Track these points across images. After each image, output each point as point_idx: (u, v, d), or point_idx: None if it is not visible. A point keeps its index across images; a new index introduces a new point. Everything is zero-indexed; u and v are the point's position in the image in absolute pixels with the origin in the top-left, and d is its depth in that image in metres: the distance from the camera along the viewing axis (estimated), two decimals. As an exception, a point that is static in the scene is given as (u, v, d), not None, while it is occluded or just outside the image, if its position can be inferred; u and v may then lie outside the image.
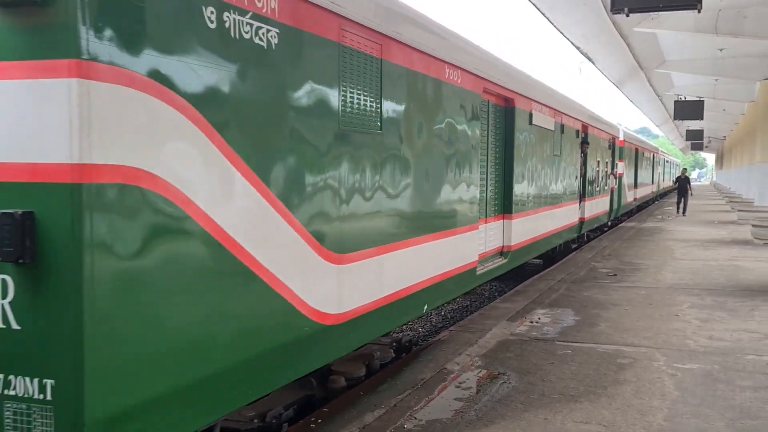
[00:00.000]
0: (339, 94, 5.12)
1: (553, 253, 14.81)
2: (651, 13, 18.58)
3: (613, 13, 12.40)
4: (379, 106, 5.76)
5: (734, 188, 53.03)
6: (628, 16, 12.78)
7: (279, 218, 4.43)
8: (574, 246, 17.36)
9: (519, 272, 12.87)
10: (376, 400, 5.61)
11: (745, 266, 13.41)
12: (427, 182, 6.85)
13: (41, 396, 3.14)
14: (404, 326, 10.38)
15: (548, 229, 12.62)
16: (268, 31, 4.24)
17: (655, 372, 6.37)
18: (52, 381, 3.11)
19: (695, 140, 57.92)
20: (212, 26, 3.78)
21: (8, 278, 3.13)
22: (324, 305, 4.99)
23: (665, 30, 21.91)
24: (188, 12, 3.60)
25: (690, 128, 53.83)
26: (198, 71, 3.68)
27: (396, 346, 7.34)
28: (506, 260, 9.86)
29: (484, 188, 9.04)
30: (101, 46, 3.09)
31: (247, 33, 4.06)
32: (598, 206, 18.24)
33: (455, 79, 7.50)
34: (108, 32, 3.13)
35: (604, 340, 7.57)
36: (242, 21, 4.01)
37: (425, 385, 5.98)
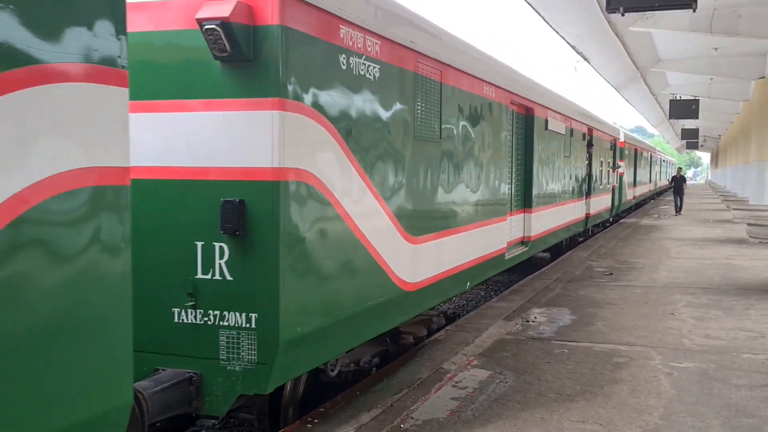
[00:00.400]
0: (414, 111, 6.54)
1: (560, 247, 15.89)
2: (646, 12, 18.64)
3: (609, 12, 12.44)
4: (438, 118, 7.16)
5: (729, 187, 53.16)
6: (623, 15, 12.81)
7: (378, 206, 5.92)
8: (580, 239, 18.57)
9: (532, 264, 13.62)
10: (372, 399, 5.60)
11: (741, 265, 13.44)
12: (471, 180, 8.29)
13: (248, 325, 4.55)
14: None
15: (560, 223, 14.02)
16: (373, 67, 5.75)
17: (651, 371, 6.37)
18: (256, 314, 4.54)
19: (690, 139, 58.10)
20: (344, 68, 5.28)
21: (224, 245, 4.57)
22: (404, 275, 6.43)
23: (660, 29, 21.96)
24: (332, 59, 5.13)
25: (685, 127, 53.97)
26: (335, 100, 5.16)
27: (444, 315, 8.90)
28: (527, 249, 11.24)
29: (510, 185, 10.34)
30: (288, 87, 4.57)
31: (362, 70, 5.57)
32: (601, 203, 19.60)
33: (490, 93, 8.97)
34: (291, 77, 4.59)
35: (600, 339, 7.57)
36: (359, 62, 5.51)
37: (422, 385, 5.97)
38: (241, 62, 4.49)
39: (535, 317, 8.67)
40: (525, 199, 11.22)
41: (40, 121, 2.88)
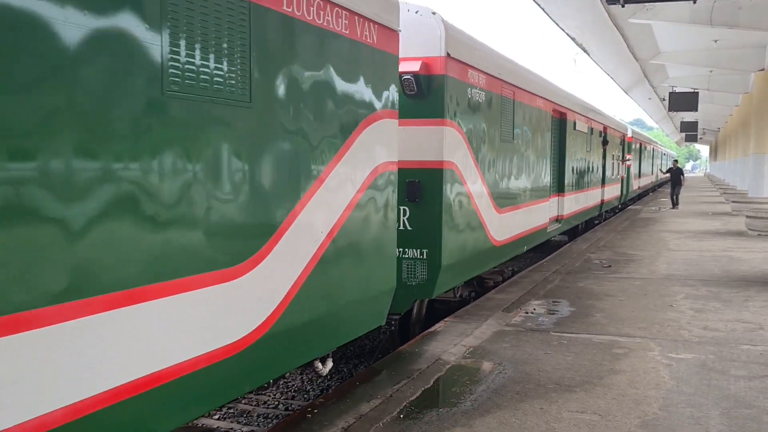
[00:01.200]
0: (500, 121, 9.65)
1: (577, 230, 18.65)
2: (646, 3, 18.58)
3: (609, 4, 12.42)
4: (512, 125, 10.21)
5: (728, 179, 53.14)
6: (623, 6, 12.80)
7: (483, 186, 8.99)
8: (596, 222, 21.58)
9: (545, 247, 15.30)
10: (371, 390, 5.60)
11: (739, 257, 13.46)
12: (530, 170, 11.47)
13: (421, 256, 7.46)
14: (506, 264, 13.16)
15: (583, 206, 17.28)
16: (481, 93, 8.76)
17: (650, 362, 6.38)
18: (426, 250, 7.43)
19: (689, 132, 57.99)
20: (469, 96, 8.28)
21: (407, 208, 7.42)
22: (495, 235, 9.63)
23: (660, 21, 21.89)
24: (464, 91, 8.12)
25: (684, 120, 53.88)
26: (464, 116, 8.11)
27: (510, 271, 12.34)
28: (560, 225, 14.51)
29: (550, 174, 13.24)
30: (446, 112, 7.46)
31: (476, 96, 8.57)
32: (613, 192, 22.82)
33: (541, 105, 12.09)
34: (449, 107, 7.54)
35: (599, 330, 7.58)
36: (475, 91, 8.52)
37: (421, 375, 5.97)
38: (420, 97, 7.40)
39: (534, 309, 8.69)
40: (559, 185, 14.29)
41: (375, 139, 5.68)
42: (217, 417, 6.64)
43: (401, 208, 7.08)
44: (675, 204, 28.01)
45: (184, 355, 3.66)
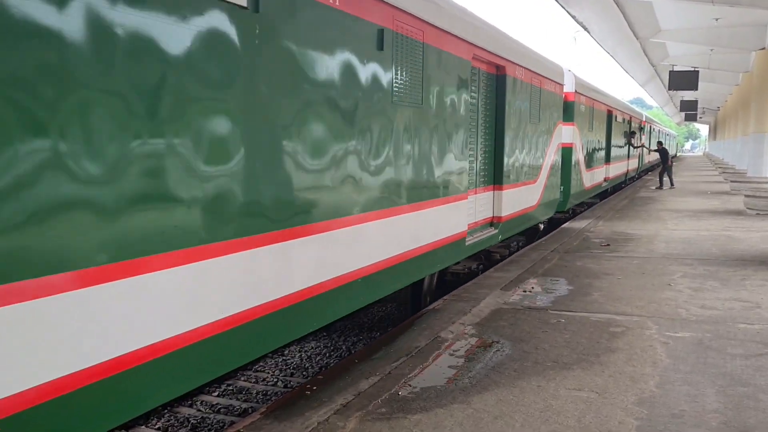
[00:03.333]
0: (588, 119, 18.66)
1: (605, 194, 25.23)
2: (648, -19, 18.41)
3: (610, -19, 12.25)
4: (592, 121, 19.20)
5: (727, 159, 53.09)
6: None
7: (582, 155, 17.93)
8: (622, 186, 29.20)
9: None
10: (370, 367, 5.64)
11: (738, 236, 13.48)
12: (597, 147, 20.47)
13: (562, 189, 15.55)
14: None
15: (617, 173, 25.55)
16: (583, 107, 17.69)
17: (647, 340, 6.42)
18: (563, 185, 15.75)
19: (689, 111, 57.80)
20: (580, 109, 17.15)
21: None
22: (585, 182, 18.66)
23: (661, -1, 21.70)
24: (580, 107, 17.15)
25: (684, 99, 53.69)
26: (578, 119, 17.07)
27: (586, 206, 21.07)
28: (607, 183, 23.01)
29: (604, 150, 22.23)
30: (573, 117, 16.49)
31: (581, 108, 17.24)
32: (633, 164, 31.49)
33: (603, 108, 20.95)
34: (574, 114, 16.53)
35: (596, 309, 7.61)
36: (582, 106, 17.42)
37: (419, 353, 6.01)
38: (563, 112, 14.50)
39: (532, 287, 8.71)
40: (606, 158, 22.53)
41: (558, 133, 14.08)
42: (216, 393, 6.69)
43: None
44: (664, 185, 27.62)
45: (526, 205, 11.58)
